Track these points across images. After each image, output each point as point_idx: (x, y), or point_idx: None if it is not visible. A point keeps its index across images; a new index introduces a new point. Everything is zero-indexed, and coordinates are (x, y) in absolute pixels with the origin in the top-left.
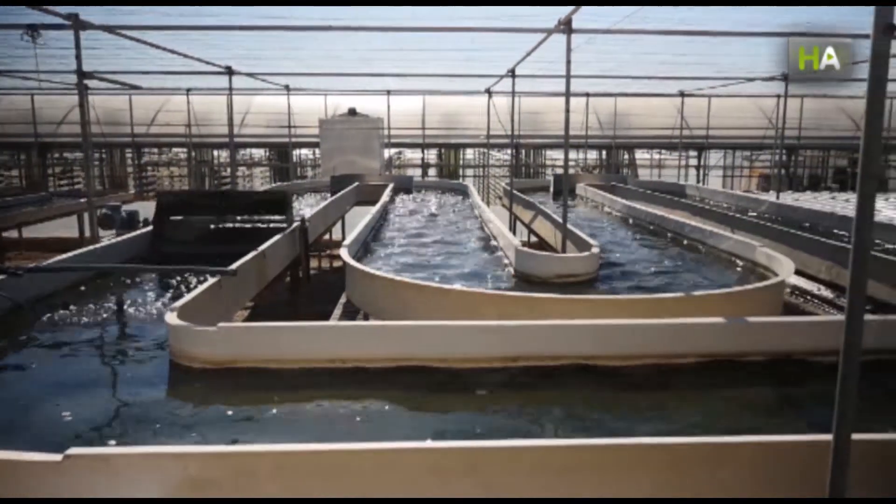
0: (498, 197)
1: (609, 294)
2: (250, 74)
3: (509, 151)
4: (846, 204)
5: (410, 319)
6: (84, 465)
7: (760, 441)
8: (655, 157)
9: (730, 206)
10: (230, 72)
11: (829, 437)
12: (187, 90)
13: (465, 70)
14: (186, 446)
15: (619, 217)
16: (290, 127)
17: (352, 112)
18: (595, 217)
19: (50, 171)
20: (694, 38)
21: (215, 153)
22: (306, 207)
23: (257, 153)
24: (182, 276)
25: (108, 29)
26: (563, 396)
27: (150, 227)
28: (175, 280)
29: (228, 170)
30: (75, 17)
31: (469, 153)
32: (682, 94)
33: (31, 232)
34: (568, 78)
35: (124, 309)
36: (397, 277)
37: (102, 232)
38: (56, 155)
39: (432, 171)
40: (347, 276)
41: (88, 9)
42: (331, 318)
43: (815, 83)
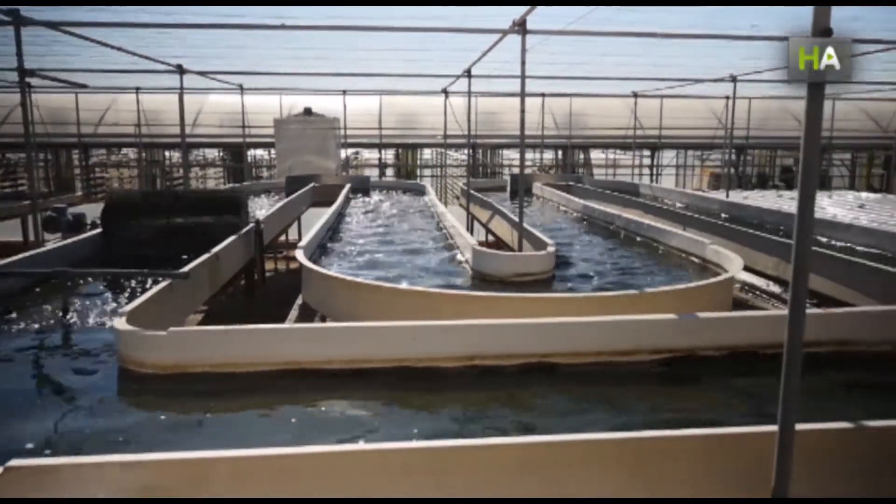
0: (455, 197)
1: (565, 292)
2: (202, 73)
3: (466, 151)
4: (791, 202)
5: (367, 321)
6: (26, 477)
7: (709, 433)
8: (610, 156)
9: (682, 205)
10: (181, 70)
11: (774, 427)
12: (136, 89)
13: (423, 70)
14: (136, 454)
15: (575, 216)
16: (244, 127)
17: (307, 112)
18: (551, 216)
19: None
20: (645, 39)
21: (167, 154)
22: (261, 209)
23: (211, 153)
24: (132, 280)
25: (51, 25)
26: (520, 394)
27: (99, 230)
28: (125, 284)
29: (181, 171)
30: (16, 12)
31: (426, 153)
32: (635, 95)
33: None
34: (523, 78)
35: (72, 314)
36: (353, 278)
37: (48, 235)
38: None
39: (390, 172)
40: (304, 278)
41: (32, 6)
42: (287, 321)
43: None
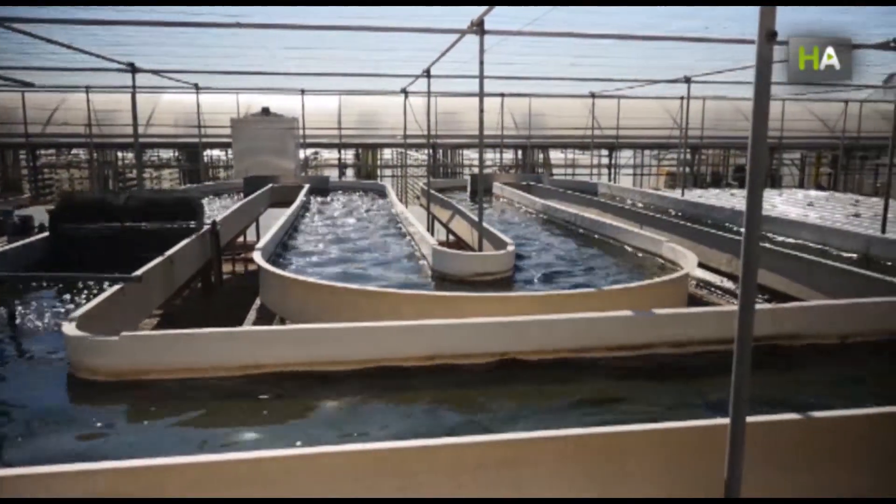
0: (416, 197)
1: (525, 291)
2: (155, 72)
3: (427, 151)
4: (743, 200)
5: (327, 322)
6: None
7: (662, 428)
8: (569, 156)
9: (639, 204)
10: (133, 69)
11: (726, 420)
12: (87, 88)
13: (382, 70)
14: (91, 463)
15: (535, 215)
16: (199, 126)
17: (265, 111)
18: (511, 215)
19: None
20: (602, 40)
21: (119, 154)
22: (218, 210)
23: (166, 154)
24: (83, 284)
25: None
26: (481, 392)
27: (48, 233)
28: (76, 288)
29: (134, 171)
30: None
31: (387, 153)
32: (593, 96)
33: None
34: (481, 78)
35: (19, 320)
36: (312, 280)
37: None
38: None
39: (350, 172)
40: (261, 280)
41: None
42: (245, 324)
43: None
